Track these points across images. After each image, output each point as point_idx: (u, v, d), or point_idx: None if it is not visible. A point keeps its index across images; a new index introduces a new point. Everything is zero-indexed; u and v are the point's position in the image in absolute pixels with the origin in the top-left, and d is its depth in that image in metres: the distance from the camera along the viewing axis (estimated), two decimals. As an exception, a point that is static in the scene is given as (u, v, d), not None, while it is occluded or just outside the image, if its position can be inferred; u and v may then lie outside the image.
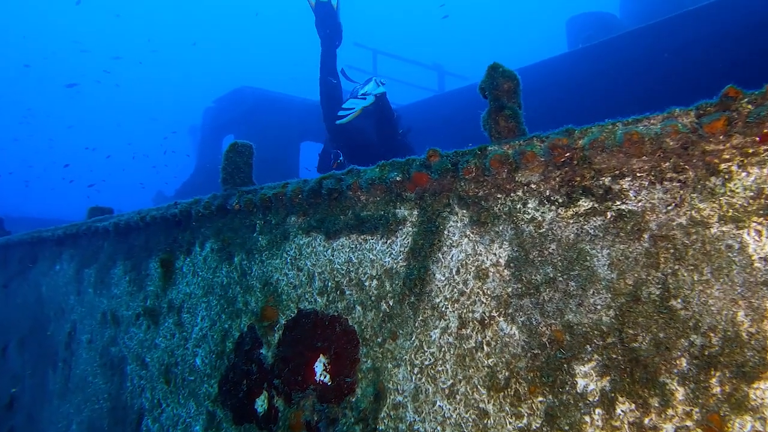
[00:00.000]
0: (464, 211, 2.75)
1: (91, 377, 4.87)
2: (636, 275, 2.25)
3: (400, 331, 2.89)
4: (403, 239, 2.95)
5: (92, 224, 5.19)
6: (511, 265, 2.56)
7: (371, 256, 3.07)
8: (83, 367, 5.02)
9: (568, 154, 2.43)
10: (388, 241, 3.01)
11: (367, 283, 3.07)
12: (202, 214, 4.04)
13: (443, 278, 2.77)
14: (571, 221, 2.42)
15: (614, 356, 2.26)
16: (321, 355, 3.22)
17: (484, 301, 2.63)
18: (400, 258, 2.95)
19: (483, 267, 2.65)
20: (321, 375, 3.20)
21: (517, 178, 2.59)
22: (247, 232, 3.78)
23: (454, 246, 2.76)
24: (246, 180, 4.01)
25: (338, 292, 3.20)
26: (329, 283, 3.25)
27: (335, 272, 3.23)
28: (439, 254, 2.80)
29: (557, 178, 2.49)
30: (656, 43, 9.36)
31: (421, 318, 2.83)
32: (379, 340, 2.97)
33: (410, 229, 2.93)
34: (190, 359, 4.07)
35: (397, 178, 2.95)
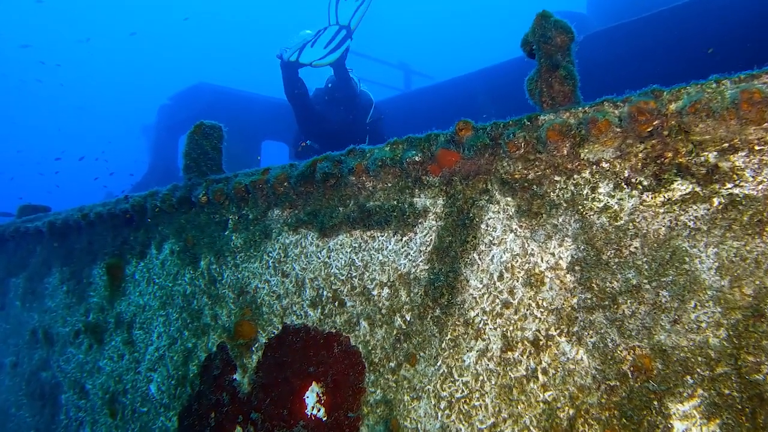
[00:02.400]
0: (509, 199, 2.13)
1: (14, 409, 4.01)
2: (757, 283, 1.68)
3: (421, 354, 2.25)
4: (425, 235, 2.31)
5: (21, 225, 4.34)
6: (577, 268, 1.96)
7: (381, 258, 2.42)
8: (4, 396, 4.15)
9: (656, 121, 1.85)
10: (404, 239, 2.37)
11: (375, 292, 2.42)
12: (159, 208, 3.30)
13: (480, 285, 2.14)
14: (662, 211, 1.84)
15: (727, 392, 1.69)
16: (314, 382, 2.54)
17: (539, 315, 2.01)
18: (420, 259, 2.31)
19: (536, 271, 2.04)
20: (313, 408, 2.52)
21: (582, 155, 2.00)
22: (217, 229, 3.07)
23: (495, 244, 2.14)
24: (215, 167, 3.30)
25: (336, 304, 2.54)
26: (324, 292, 2.58)
27: (332, 278, 2.56)
28: (475, 254, 2.17)
29: (640, 154, 1.90)
30: (628, 43, 9.12)
31: (449, 337, 2.19)
32: (392, 364, 2.32)
33: (434, 222, 2.30)
34: (142, 386, 3.31)
35: (416, 158, 2.32)
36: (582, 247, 1.97)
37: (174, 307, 3.21)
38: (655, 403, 1.79)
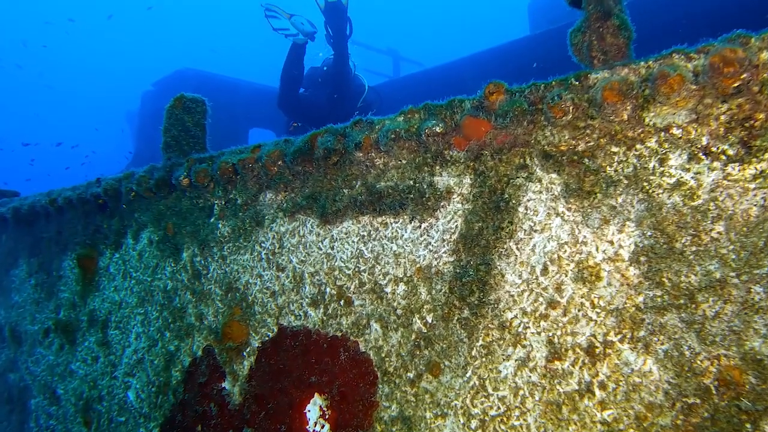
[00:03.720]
0: (553, 176, 1.76)
1: (-21, 419, 3.61)
2: None
3: (446, 363, 1.88)
4: (449, 221, 1.93)
5: (-14, 211, 3.90)
6: (642, 259, 1.59)
7: (395, 248, 2.04)
8: (-30, 403, 3.75)
9: (744, 74, 1.47)
10: (423, 225, 1.99)
11: (389, 289, 2.04)
12: (135, 193, 2.89)
13: (519, 281, 1.77)
14: (753, 186, 1.47)
15: (843, 410, 1.33)
16: (316, 394, 2.17)
17: (595, 317, 1.65)
18: (443, 250, 1.93)
19: (590, 263, 1.67)
20: (316, 424, 2.16)
21: (647, 120, 1.62)
22: (201, 216, 2.67)
23: (537, 230, 1.76)
24: (198, 146, 2.89)
25: (342, 302, 2.16)
26: (327, 289, 2.20)
27: (337, 273, 2.18)
28: (511, 243, 1.80)
29: (722, 117, 1.53)
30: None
31: (481, 343, 1.82)
32: (411, 375, 1.96)
33: (459, 205, 1.92)
34: (119, 392, 2.93)
35: (437, 129, 1.93)
36: (649, 234, 1.60)
37: (154, 304, 2.82)
38: (748, 425, 1.44)
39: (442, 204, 1.95)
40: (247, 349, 2.41)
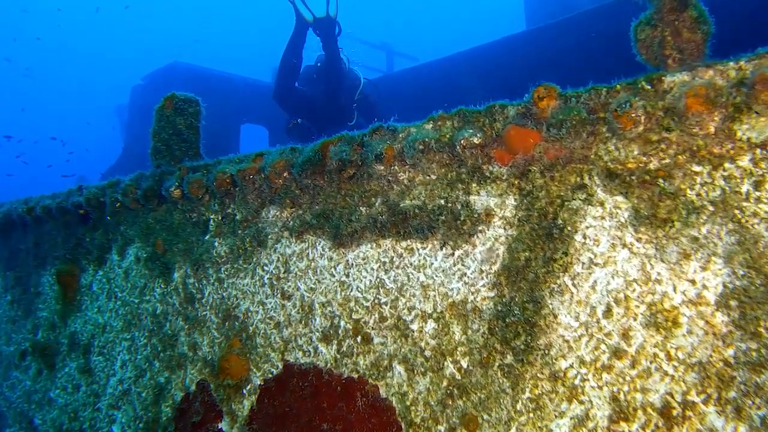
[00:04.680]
0: (619, 199, 1.46)
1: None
2: None
3: (485, 417, 1.59)
4: (489, 249, 1.64)
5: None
6: (733, 303, 1.31)
7: (423, 279, 1.75)
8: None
9: None
10: (458, 253, 1.69)
11: (415, 326, 1.75)
12: (121, 203, 2.58)
13: (576, 323, 1.48)
14: None
15: None
16: (328, 443, 1.88)
17: (671, 371, 1.36)
18: (482, 283, 1.64)
19: (666, 306, 1.38)
20: (328, 477, 1.86)
21: (740, 134, 1.33)
22: (195, 232, 2.37)
23: (598, 264, 1.47)
24: (191, 151, 2.58)
25: (359, 339, 1.86)
26: (341, 322, 1.91)
27: (353, 304, 1.89)
28: (566, 279, 1.51)
29: (841, 134, 1.24)
30: (625, 20, 8.56)
31: (528, 395, 1.53)
32: (441, 429, 1.67)
33: (501, 231, 1.62)
34: (103, 426, 2.63)
35: (475, 140, 1.63)
36: (741, 273, 1.31)
37: (141, 329, 2.51)
38: None
39: (480, 228, 1.66)
40: (248, 387, 2.11)
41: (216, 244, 2.28)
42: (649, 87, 1.44)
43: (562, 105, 1.55)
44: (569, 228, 1.52)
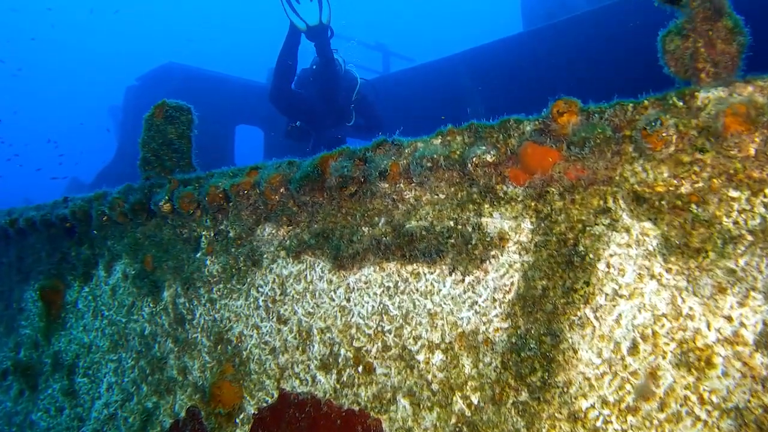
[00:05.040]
0: (647, 225, 1.34)
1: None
2: None
3: (499, 458, 1.47)
4: (502, 276, 1.51)
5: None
6: (776, 344, 1.19)
7: (430, 306, 1.62)
8: None
9: None
10: (468, 279, 1.57)
11: (421, 357, 1.62)
12: (108, 217, 2.45)
13: (598, 360, 1.36)
14: None
15: None
16: (326, 481, 1.75)
17: (704, 416, 1.24)
18: (495, 313, 1.52)
19: (699, 344, 1.26)
20: None
21: (785, 158, 1.21)
22: (185, 249, 2.23)
23: (623, 295, 1.35)
24: (183, 162, 2.44)
25: (360, 369, 1.73)
26: (342, 350, 1.78)
27: (354, 331, 1.76)
28: (587, 311, 1.38)
29: None
30: (625, 22, 8.45)
31: (546, 437, 1.41)
32: (451, 469, 1.54)
33: (517, 257, 1.50)
34: (89, 451, 2.49)
35: (487, 157, 1.51)
36: (785, 310, 1.19)
37: (129, 350, 2.37)
38: None
39: (493, 254, 1.53)
40: (241, 416, 1.98)
41: (208, 262, 2.15)
42: (680, 103, 1.32)
43: (584, 121, 1.43)
44: (591, 256, 1.40)
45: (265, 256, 1.99)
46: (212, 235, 2.15)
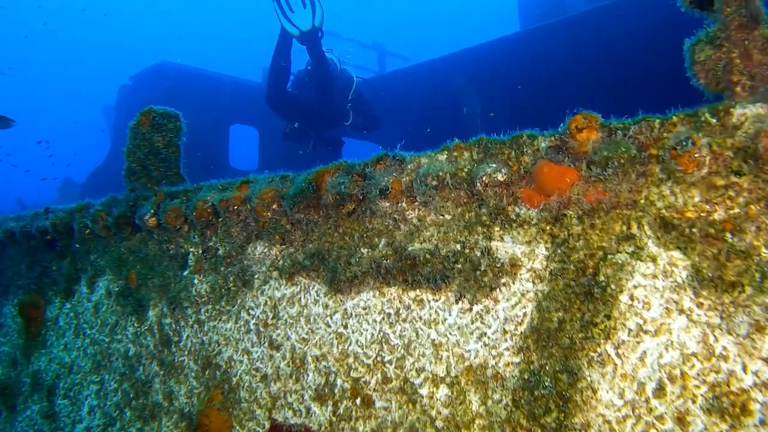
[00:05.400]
0: (675, 254, 1.22)
1: None
2: None
3: (510, 506, 1.34)
4: (514, 307, 1.39)
5: None
6: (823, 391, 1.06)
7: (434, 336, 1.50)
8: None
9: None
10: (476, 308, 1.44)
11: (424, 391, 1.49)
12: (90, 230, 2.31)
13: (620, 402, 1.24)
14: None
15: None
16: None
17: (745, 470, 1.12)
18: (505, 346, 1.39)
19: (733, 389, 1.14)
20: None
21: (832, 185, 1.09)
22: (172, 266, 2.10)
23: (648, 331, 1.23)
24: (171, 172, 2.31)
25: (358, 401, 1.61)
26: (338, 380, 1.65)
27: (352, 360, 1.63)
28: (608, 347, 1.26)
29: None
30: (624, 22, 8.36)
31: (563, 484, 1.28)
32: None
33: (530, 285, 1.37)
34: (70, 477, 2.35)
35: (498, 176, 1.38)
36: (833, 354, 1.07)
37: (112, 372, 2.24)
38: None
39: (503, 281, 1.41)
40: (230, 447, 1.85)
41: (196, 281, 2.01)
42: (714, 121, 1.20)
43: (606, 138, 1.30)
44: (613, 286, 1.27)
45: (256, 276, 1.86)
46: (200, 252, 2.02)
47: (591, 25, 8.87)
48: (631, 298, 1.26)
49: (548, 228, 1.37)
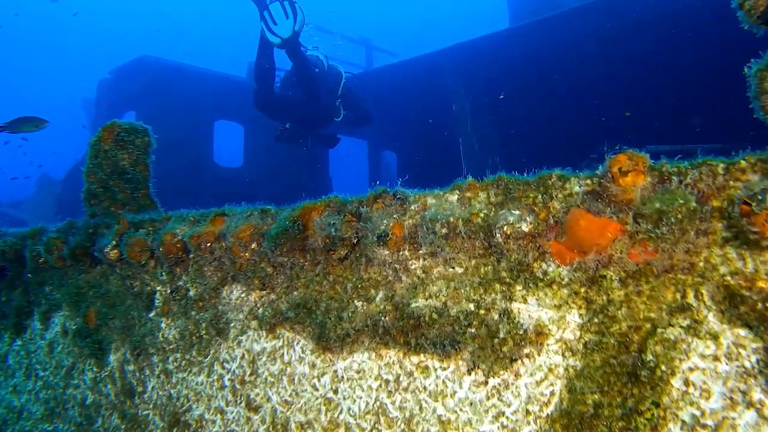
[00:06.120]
0: (743, 333, 1.00)
1: None
2: None
3: None
4: (539, 384, 1.15)
5: None
6: None
7: (441, 411, 1.26)
8: None
9: None
10: (493, 382, 1.20)
11: (430, 477, 1.25)
12: (45, 261, 2.03)
13: None
14: None
15: None
16: None
17: None
18: (527, 430, 1.15)
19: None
20: None
21: None
22: (137, 305, 1.84)
23: (706, 426, 1.00)
24: (138, 193, 2.04)
25: (350, 481, 1.36)
26: (326, 455, 1.40)
27: (342, 430, 1.38)
28: (659, 442, 1.03)
29: None
30: (614, 18, 8.26)
31: None
32: None
33: (559, 359, 1.14)
34: None
35: (522, 226, 1.14)
36: None
37: (67, 421, 1.97)
38: None
39: (526, 352, 1.17)
40: None
41: (163, 325, 1.75)
42: (795, 170, 0.97)
43: (657, 185, 1.07)
44: (663, 368, 1.04)
45: (232, 324, 1.60)
46: (168, 291, 1.76)
47: (581, 22, 8.74)
48: (686, 383, 1.03)
49: (582, 291, 1.14)
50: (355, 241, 1.36)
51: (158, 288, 1.79)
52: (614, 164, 1.10)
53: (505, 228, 1.16)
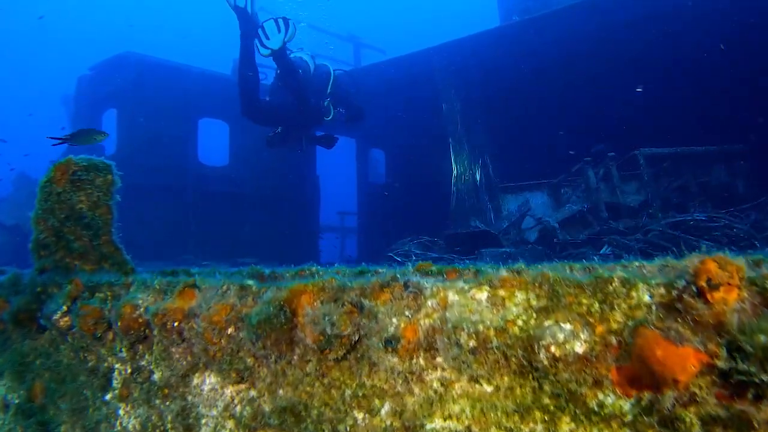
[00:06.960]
0: None
1: None
2: None
3: None
4: None
5: None
6: None
7: None
8: None
9: None
10: None
11: None
12: (-16, 320, 1.73)
13: None
14: None
15: None
16: None
17: None
18: None
19: None
20: None
21: None
22: (91, 383, 1.55)
23: None
24: (99, 241, 1.75)
25: None
26: None
27: None
28: None
29: None
30: (605, 17, 8.17)
31: None
32: None
33: None
34: None
35: (576, 347, 0.88)
36: None
37: None
38: None
39: (579, 506, 0.91)
40: None
41: (121, 412, 1.47)
42: None
43: (760, 304, 0.81)
44: None
45: (203, 421, 1.33)
46: (128, 372, 1.48)
47: (572, 21, 8.65)
48: None
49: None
50: (356, 339, 1.10)
51: (117, 365, 1.51)
52: (701, 273, 0.84)
53: (552, 348, 0.90)
